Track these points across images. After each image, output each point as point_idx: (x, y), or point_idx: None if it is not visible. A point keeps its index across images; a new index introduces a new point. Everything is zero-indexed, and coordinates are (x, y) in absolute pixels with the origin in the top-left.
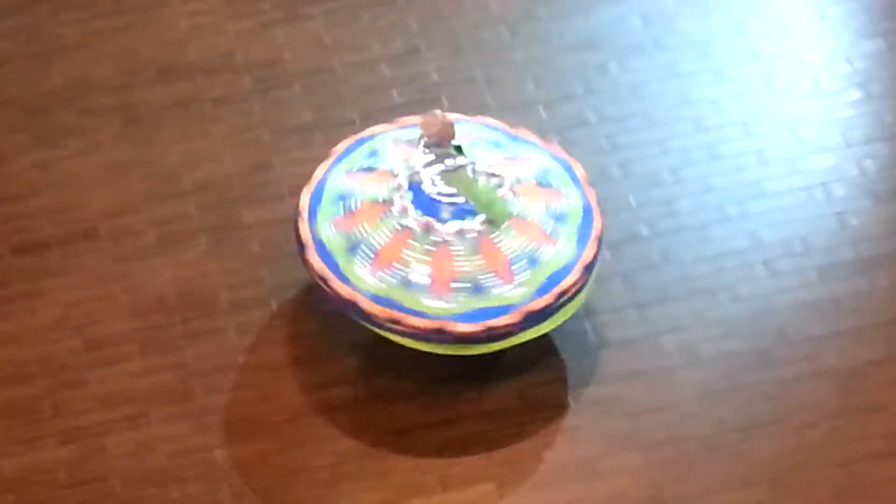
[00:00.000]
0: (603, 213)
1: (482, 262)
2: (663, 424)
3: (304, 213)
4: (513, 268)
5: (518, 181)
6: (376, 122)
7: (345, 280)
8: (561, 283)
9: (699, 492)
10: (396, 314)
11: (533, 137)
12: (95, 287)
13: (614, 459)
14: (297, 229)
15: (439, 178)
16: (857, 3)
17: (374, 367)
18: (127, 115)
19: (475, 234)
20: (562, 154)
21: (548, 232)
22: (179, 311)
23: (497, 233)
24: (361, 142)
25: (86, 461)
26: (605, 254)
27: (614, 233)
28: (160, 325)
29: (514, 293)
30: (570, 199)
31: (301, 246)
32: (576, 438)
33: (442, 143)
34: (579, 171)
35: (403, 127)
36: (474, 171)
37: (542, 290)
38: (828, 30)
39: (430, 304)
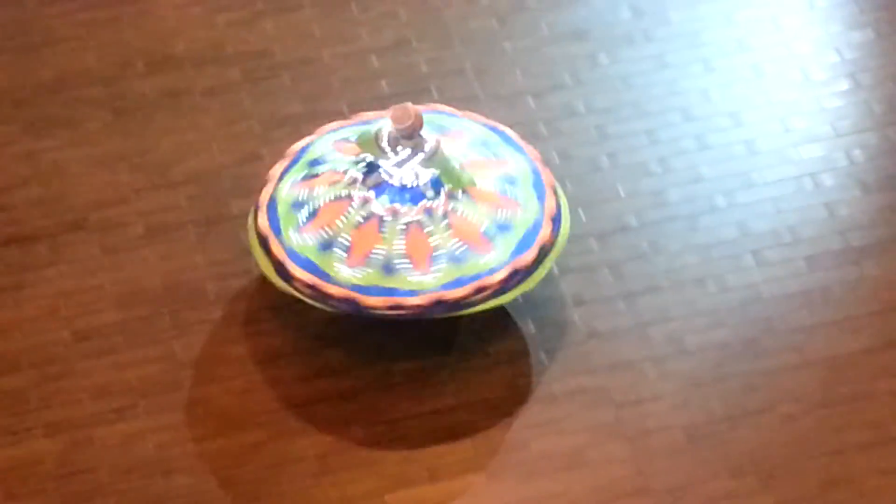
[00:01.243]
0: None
1: (454, 235)
2: (651, 414)
3: (270, 234)
4: (485, 236)
5: (464, 156)
6: (366, 113)
7: (331, 280)
8: (538, 237)
9: (687, 481)
10: (395, 300)
11: (515, 137)
12: (83, 278)
13: (602, 449)
14: (269, 252)
15: (415, 168)
16: None
17: (361, 358)
18: (116, 107)
19: (443, 212)
20: (491, 122)
21: (508, 196)
22: (168, 303)
23: (462, 207)
24: (298, 157)
25: (73, 452)
26: (594, 244)
27: (603, 223)
28: (148, 317)
29: (493, 258)
30: (516, 164)
31: (278, 265)
32: (563, 429)
33: (413, 134)
34: (513, 134)
35: (334, 130)
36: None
37: (521, 249)
38: (817, 20)
39: (417, 280)
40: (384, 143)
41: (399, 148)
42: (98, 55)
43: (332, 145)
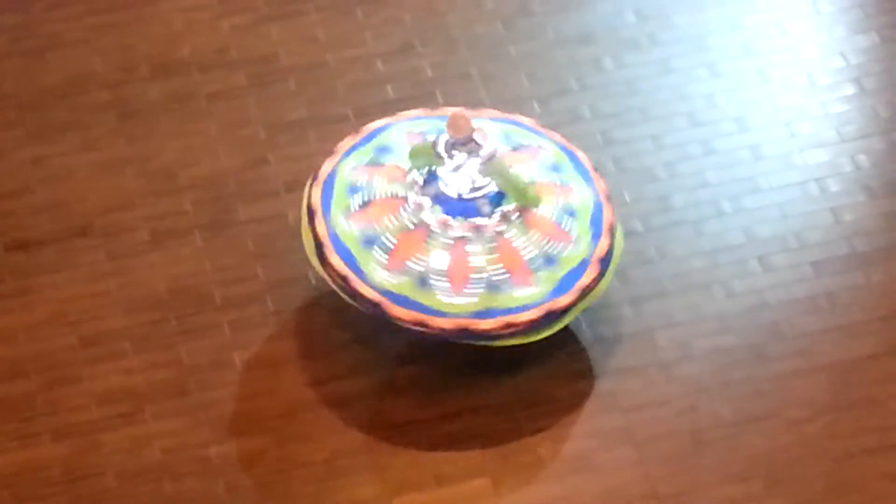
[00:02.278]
0: (612, 202)
1: (498, 260)
2: (658, 419)
3: (318, 211)
4: (528, 267)
5: (530, 177)
6: (371, 118)
7: (365, 279)
8: (580, 280)
9: (693, 486)
10: (422, 316)
11: (535, 125)
12: (90, 284)
13: (609, 454)
14: (313, 228)
15: (471, 173)
16: None
17: (368, 363)
18: (122, 112)
19: (493, 233)
20: (569, 145)
21: (563, 228)
22: (174, 308)
23: (513, 231)
24: (370, 137)
25: (81, 457)
26: None
27: None
28: (155, 322)
29: (530, 294)
30: (581, 195)
31: (318, 244)
32: (570, 433)
33: (467, 141)
34: (587, 163)
35: (410, 119)
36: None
37: (561, 290)
38: (822, 25)
39: (449, 301)
40: (440, 149)
41: (455, 153)
42: (104, 60)
43: (406, 136)
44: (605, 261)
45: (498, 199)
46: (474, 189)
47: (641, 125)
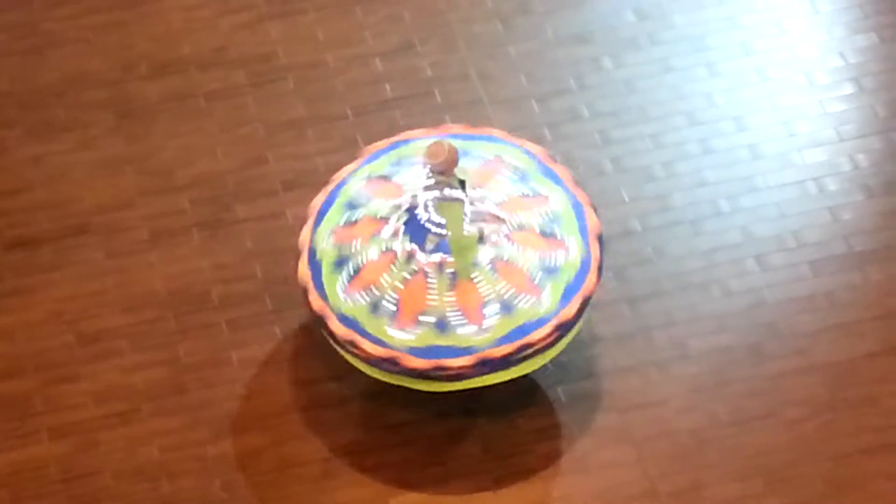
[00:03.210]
0: (599, 271)
1: (454, 299)
2: (655, 419)
3: (311, 219)
4: (483, 311)
5: (520, 227)
6: (368, 116)
7: (322, 294)
8: (528, 336)
9: (692, 486)
10: (356, 337)
11: (564, 174)
12: (88, 282)
13: (607, 454)
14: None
15: (433, 205)
16: None
17: None
18: (120, 110)
19: (453, 271)
20: (583, 200)
21: (535, 282)
22: (172, 307)
23: (477, 273)
24: (335, 193)
25: (78, 456)
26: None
27: (606, 227)
28: (153, 321)
29: (478, 336)
30: (570, 253)
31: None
32: (568, 433)
33: (446, 172)
34: (591, 223)
35: (369, 157)
36: (466, 211)
37: (506, 339)
38: (821, 24)
39: (392, 333)
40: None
41: (433, 179)
42: (103, 58)
43: (365, 184)
44: (566, 326)
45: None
46: (431, 222)
47: (640, 124)
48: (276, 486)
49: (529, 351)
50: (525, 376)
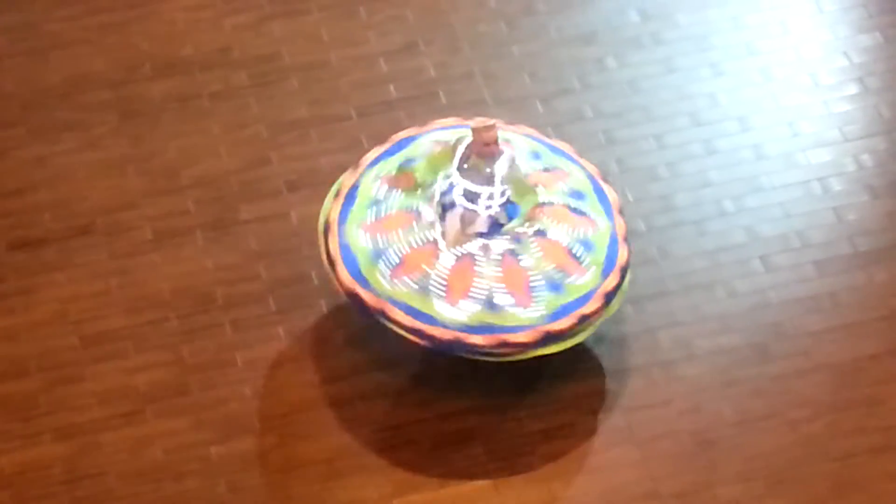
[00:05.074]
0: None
1: (503, 279)
2: (660, 419)
3: (334, 226)
4: (533, 290)
5: (550, 202)
6: (373, 117)
7: (370, 288)
8: (581, 309)
9: (696, 486)
10: (419, 325)
11: (571, 152)
12: (92, 283)
13: (611, 454)
14: (325, 243)
15: (487, 186)
16: None
17: (371, 362)
18: (124, 111)
19: (500, 253)
20: (594, 172)
21: (576, 257)
22: (176, 307)
23: (523, 253)
24: (399, 146)
25: (82, 457)
26: None
27: None
28: (156, 321)
29: (530, 314)
30: (600, 228)
31: (329, 261)
32: (572, 433)
33: (487, 155)
34: (613, 200)
35: (440, 129)
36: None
37: (559, 315)
38: (825, 24)
39: (446, 312)
40: (457, 160)
41: (469, 166)
42: (106, 59)
43: (432, 147)
44: (610, 296)
45: (510, 218)
46: (490, 197)
47: (644, 124)
48: (281, 486)
49: (585, 324)
50: (531, 373)
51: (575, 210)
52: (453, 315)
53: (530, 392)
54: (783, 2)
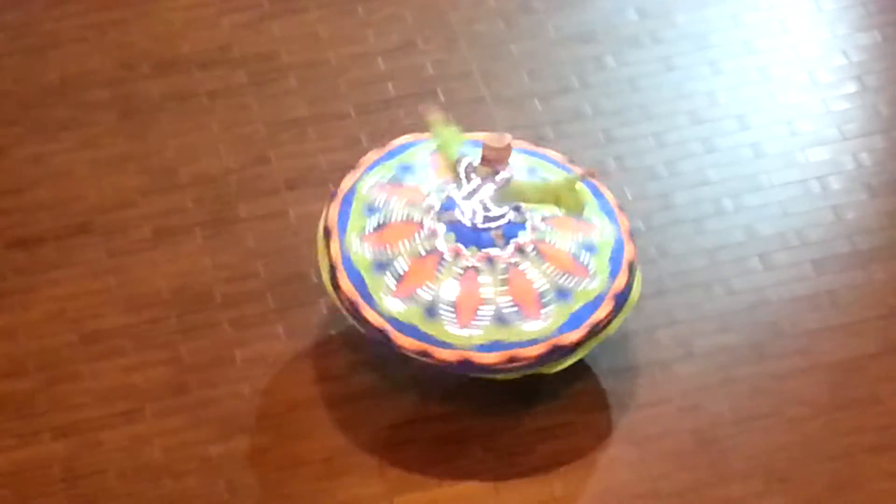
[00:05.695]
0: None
1: (508, 293)
2: (658, 418)
3: (334, 232)
4: (542, 301)
5: (553, 213)
6: (372, 116)
7: (373, 305)
8: (593, 315)
9: (694, 485)
10: (427, 347)
11: (564, 161)
12: (90, 281)
13: (609, 453)
14: (328, 249)
15: (485, 201)
16: None
17: (370, 361)
18: (122, 109)
19: (505, 265)
20: (594, 182)
21: (581, 262)
22: (174, 306)
23: (527, 263)
24: (394, 153)
25: (81, 456)
26: None
27: None
28: (155, 320)
29: (540, 326)
30: (603, 231)
31: (332, 268)
32: (571, 432)
33: (496, 166)
34: (611, 199)
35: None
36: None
37: (571, 325)
38: (824, 22)
39: (455, 333)
40: (461, 170)
41: (472, 176)
42: (104, 57)
43: (432, 156)
44: (622, 297)
45: (513, 230)
46: (489, 219)
47: (642, 123)
48: (280, 485)
49: (597, 329)
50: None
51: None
52: (463, 335)
53: (529, 391)
54: (782, 0)
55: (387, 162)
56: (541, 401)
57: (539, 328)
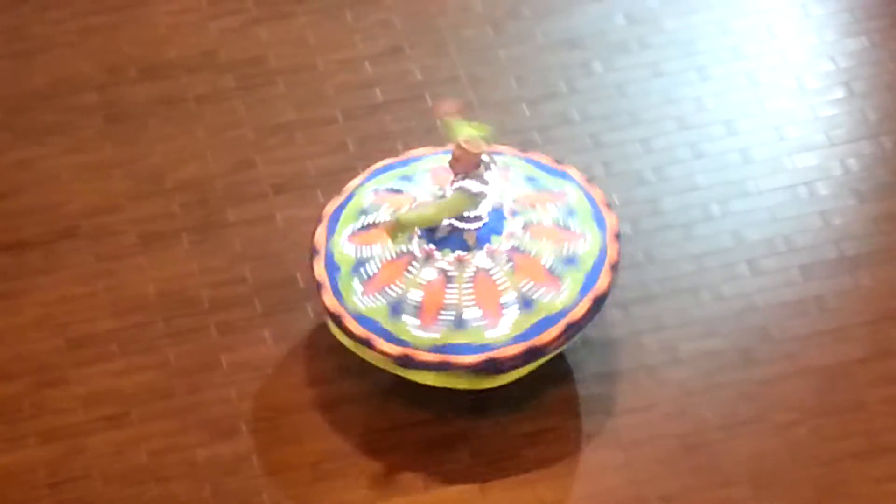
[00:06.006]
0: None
1: (473, 296)
2: (645, 423)
3: (325, 284)
4: (503, 309)
5: (538, 221)
6: (359, 120)
7: (338, 295)
8: (538, 336)
9: (680, 490)
10: (372, 336)
11: (576, 175)
12: (77, 286)
13: (596, 458)
14: (320, 297)
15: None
16: (840, 2)
17: (356, 366)
18: (109, 114)
19: (474, 268)
20: (596, 196)
21: (554, 275)
22: (161, 310)
23: (497, 269)
24: (402, 164)
25: (67, 460)
26: None
27: None
28: (142, 324)
29: (498, 333)
30: (588, 244)
31: (318, 285)
32: (557, 437)
33: (463, 169)
34: (598, 198)
35: (375, 172)
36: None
37: (528, 335)
38: (811, 28)
39: (415, 334)
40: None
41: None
42: (91, 62)
43: (374, 195)
44: (574, 326)
45: (488, 235)
46: (465, 221)
47: (630, 128)
48: (267, 489)
49: (541, 350)
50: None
51: (563, 227)
52: (422, 336)
53: (515, 396)
54: (769, 6)
55: (345, 209)
56: (527, 406)
57: (493, 337)
